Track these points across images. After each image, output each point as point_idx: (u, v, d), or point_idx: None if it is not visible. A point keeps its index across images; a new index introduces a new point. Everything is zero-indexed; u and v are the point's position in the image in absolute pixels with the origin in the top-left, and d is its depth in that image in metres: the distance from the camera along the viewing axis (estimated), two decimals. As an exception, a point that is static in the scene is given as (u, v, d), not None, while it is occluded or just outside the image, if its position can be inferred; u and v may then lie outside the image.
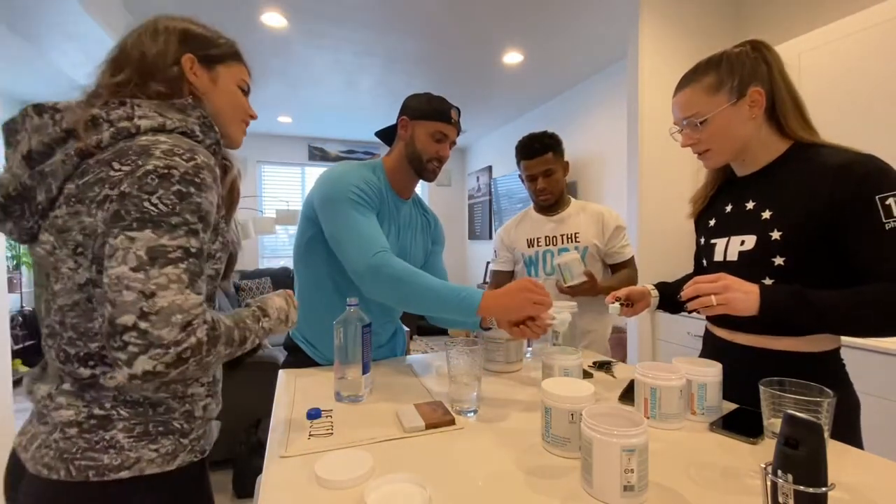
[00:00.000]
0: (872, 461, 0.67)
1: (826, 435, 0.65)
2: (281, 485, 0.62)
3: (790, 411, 0.47)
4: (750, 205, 0.90)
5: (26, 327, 3.95)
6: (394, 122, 1.22)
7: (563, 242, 1.56)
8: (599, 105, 3.65)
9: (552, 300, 1.28)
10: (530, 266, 1.62)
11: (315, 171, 5.68)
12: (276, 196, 5.59)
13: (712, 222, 0.99)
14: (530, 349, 1.31)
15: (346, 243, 1.04)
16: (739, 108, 0.85)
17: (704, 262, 1.02)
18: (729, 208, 0.95)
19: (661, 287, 1.14)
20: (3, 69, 3.53)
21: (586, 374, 1.08)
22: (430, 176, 1.19)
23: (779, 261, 0.83)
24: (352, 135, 5.55)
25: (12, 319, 3.74)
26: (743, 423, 0.79)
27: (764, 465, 0.48)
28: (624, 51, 3.11)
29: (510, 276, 1.72)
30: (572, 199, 1.64)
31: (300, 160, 5.68)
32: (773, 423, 0.72)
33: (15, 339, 3.73)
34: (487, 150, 5.68)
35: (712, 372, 0.82)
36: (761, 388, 0.73)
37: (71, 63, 2.70)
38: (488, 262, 5.46)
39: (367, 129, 5.18)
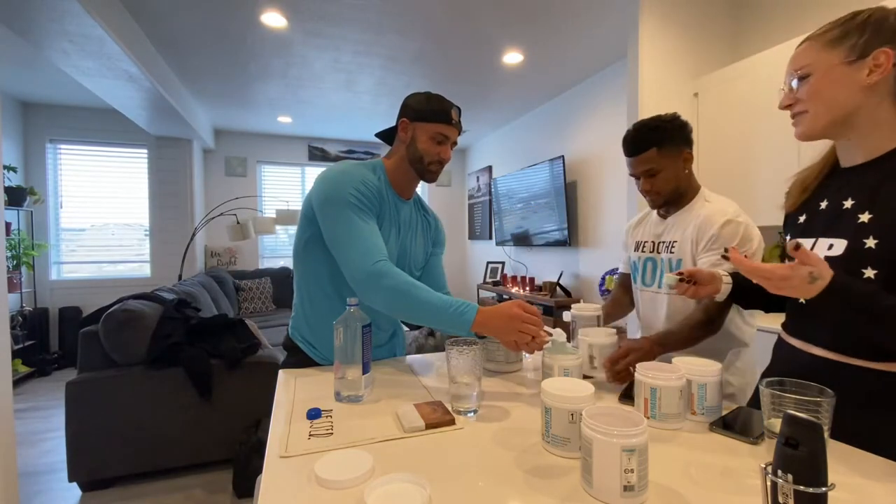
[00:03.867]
0: (872, 461, 0.67)
1: (826, 435, 0.65)
2: (281, 485, 0.62)
3: (790, 411, 0.47)
4: (848, 203, 0.77)
5: (26, 327, 3.96)
6: (393, 121, 1.22)
7: (662, 251, 1.27)
8: (599, 105, 3.64)
9: (639, 307, 1.25)
10: (634, 273, 1.37)
11: (315, 171, 5.68)
12: (276, 196, 5.59)
13: (802, 218, 0.86)
14: None
15: (346, 249, 1.04)
16: (856, 69, 0.71)
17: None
18: (824, 205, 0.82)
19: (740, 278, 0.97)
20: (3, 69, 3.53)
21: (586, 375, 1.08)
22: (431, 177, 1.19)
23: (868, 273, 0.71)
24: (352, 135, 5.55)
25: (12, 319, 3.74)
26: (743, 423, 0.79)
27: (764, 465, 0.48)
28: (624, 51, 3.11)
29: (629, 278, 1.43)
30: (703, 192, 1.25)
31: (300, 160, 5.67)
32: (772, 423, 0.72)
33: (15, 339, 3.72)
34: (487, 150, 5.67)
35: (712, 372, 0.82)
36: (761, 388, 0.73)
37: (71, 63, 2.69)
38: (488, 262, 5.46)
39: (367, 129, 5.18)
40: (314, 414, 0.84)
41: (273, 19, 2.71)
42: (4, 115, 4.06)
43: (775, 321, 1.91)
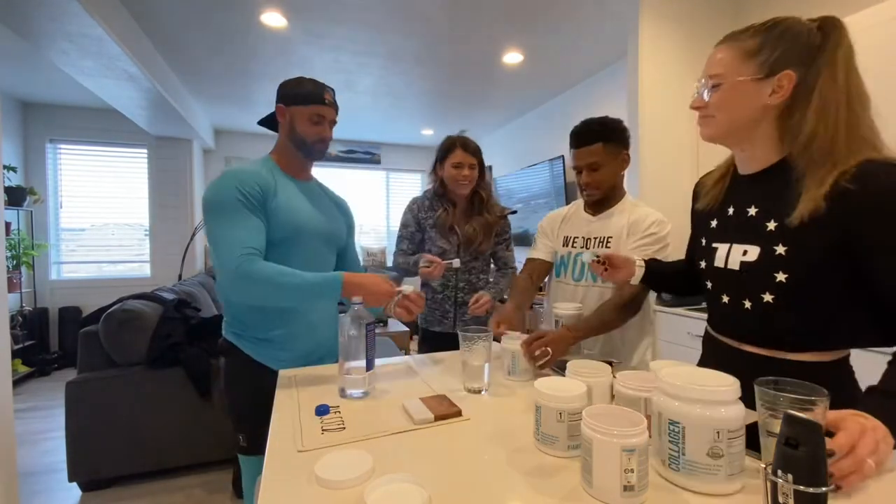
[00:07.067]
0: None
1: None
2: (281, 485, 0.62)
3: (790, 411, 0.47)
4: (752, 211, 0.83)
5: (26, 327, 3.95)
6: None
7: (595, 245, 1.36)
8: (599, 105, 3.64)
9: (560, 299, 1.32)
10: (560, 267, 1.43)
11: (315, 171, 5.67)
12: (276, 196, 5.59)
13: (714, 223, 0.92)
14: None
15: (214, 254, 1.04)
16: (762, 86, 0.76)
17: (703, 263, 0.94)
18: (731, 210, 0.88)
19: (653, 264, 1.08)
20: (3, 69, 3.53)
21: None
22: (318, 156, 1.24)
23: (780, 277, 0.77)
24: (352, 135, 5.54)
25: (12, 319, 3.74)
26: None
27: (764, 465, 0.48)
28: (624, 51, 3.11)
29: (547, 266, 1.48)
30: (628, 197, 1.40)
31: (300, 160, 5.67)
32: (767, 423, 0.71)
33: (15, 339, 3.72)
34: (487, 150, 5.64)
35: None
36: (756, 387, 0.72)
37: (71, 63, 2.69)
38: (488, 262, 5.45)
39: (368, 129, 5.17)
40: (323, 410, 0.85)
41: (273, 19, 2.71)
42: (4, 115, 4.05)
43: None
